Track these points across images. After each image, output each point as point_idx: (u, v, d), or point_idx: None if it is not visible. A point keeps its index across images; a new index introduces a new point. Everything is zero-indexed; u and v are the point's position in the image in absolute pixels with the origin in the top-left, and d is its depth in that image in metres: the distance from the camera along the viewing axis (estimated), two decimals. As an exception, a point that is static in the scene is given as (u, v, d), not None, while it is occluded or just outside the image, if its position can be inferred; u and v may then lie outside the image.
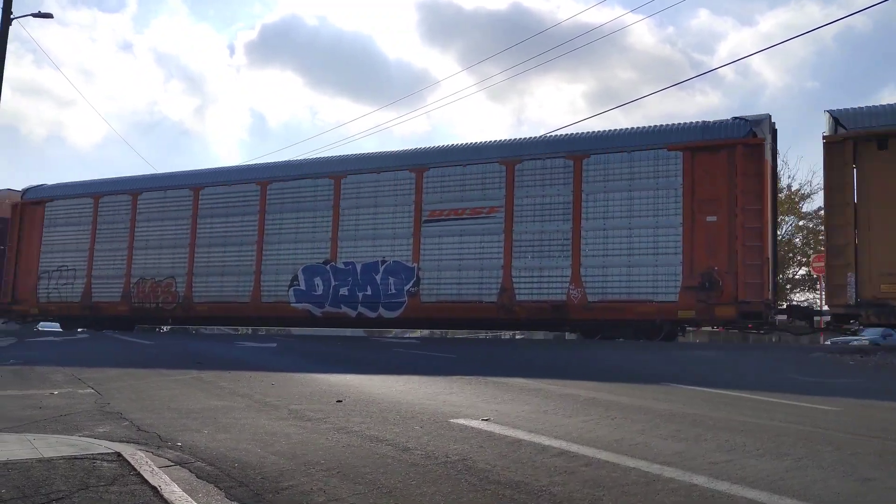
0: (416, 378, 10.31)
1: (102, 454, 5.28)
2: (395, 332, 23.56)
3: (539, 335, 35.03)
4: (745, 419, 6.79)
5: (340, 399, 8.26)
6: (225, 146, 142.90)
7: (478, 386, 9.42)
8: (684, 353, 15.03)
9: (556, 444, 5.63)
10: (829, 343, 29.40)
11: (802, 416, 6.98)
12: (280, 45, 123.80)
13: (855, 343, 27.06)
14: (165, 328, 30.25)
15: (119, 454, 5.26)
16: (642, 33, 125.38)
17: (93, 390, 9.56)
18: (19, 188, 29.57)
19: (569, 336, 23.25)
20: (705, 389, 9.10)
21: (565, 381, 10.04)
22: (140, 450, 5.99)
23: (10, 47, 26.78)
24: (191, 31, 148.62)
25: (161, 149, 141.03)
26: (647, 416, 6.93)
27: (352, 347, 17.08)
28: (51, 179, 33.15)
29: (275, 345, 17.47)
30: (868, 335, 26.82)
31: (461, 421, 6.76)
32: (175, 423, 7.04)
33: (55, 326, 28.36)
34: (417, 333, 25.22)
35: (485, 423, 6.66)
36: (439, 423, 6.68)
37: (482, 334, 32.91)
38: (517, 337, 40.21)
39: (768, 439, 5.79)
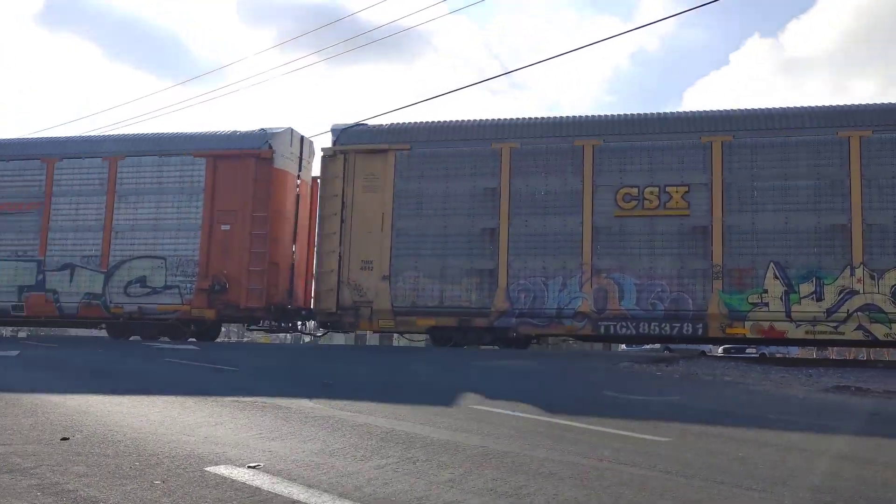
0: (179, 400, 8.44)
1: None
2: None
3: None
4: (570, 459, 5.70)
5: (67, 436, 6.30)
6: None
7: (253, 413, 7.74)
8: (490, 364, 14.11)
9: (341, 509, 4.21)
10: (623, 349, 30.45)
11: (633, 452, 6.02)
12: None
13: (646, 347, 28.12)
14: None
15: None
16: None
17: None
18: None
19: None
20: (520, 415, 8.00)
21: (360, 403, 8.60)
22: None
23: None
24: None
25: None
26: (458, 458, 5.66)
27: (120, 355, 14.66)
28: None
29: (16, 353, 14.58)
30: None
31: (221, 470, 5.14)
32: None
33: None
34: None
35: (251, 471, 5.10)
36: (190, 474, 5.02)
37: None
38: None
39: (602, 490, 4.70)
